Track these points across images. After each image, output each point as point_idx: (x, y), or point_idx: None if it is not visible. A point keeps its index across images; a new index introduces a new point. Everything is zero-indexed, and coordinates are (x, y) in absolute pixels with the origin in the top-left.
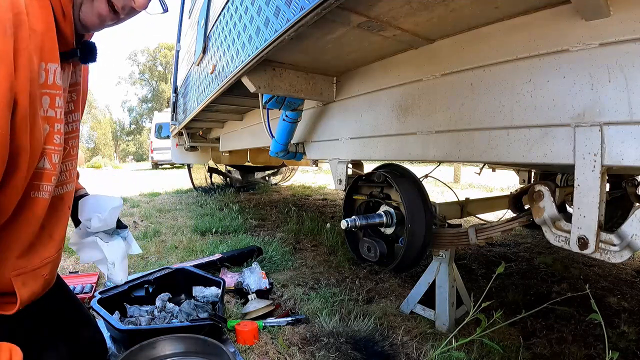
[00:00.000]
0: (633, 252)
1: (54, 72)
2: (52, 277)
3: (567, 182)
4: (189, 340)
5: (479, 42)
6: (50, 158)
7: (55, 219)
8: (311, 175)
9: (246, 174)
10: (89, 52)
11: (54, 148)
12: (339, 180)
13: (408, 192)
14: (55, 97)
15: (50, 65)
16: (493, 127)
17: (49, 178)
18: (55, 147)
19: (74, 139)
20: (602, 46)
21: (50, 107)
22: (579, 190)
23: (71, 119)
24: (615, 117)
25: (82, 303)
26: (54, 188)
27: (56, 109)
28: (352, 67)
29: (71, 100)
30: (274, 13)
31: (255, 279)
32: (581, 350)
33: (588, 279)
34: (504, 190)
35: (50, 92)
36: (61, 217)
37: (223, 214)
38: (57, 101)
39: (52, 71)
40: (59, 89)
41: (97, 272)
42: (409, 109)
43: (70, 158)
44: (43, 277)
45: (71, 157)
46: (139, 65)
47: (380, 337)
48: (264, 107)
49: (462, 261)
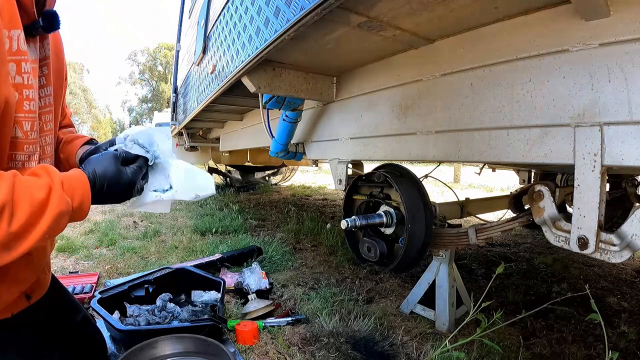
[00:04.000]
0: (633, 252)
1: (17, 38)
2: (39, 258)
3: (567, 182)
4: (189, 340)
5: (479, 42)
6: (21, 126)
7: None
8: (311, 175)
9: (246, 174)
10: (51, 20)
11: (25, 115)
12: (339, 180)
13: (408, 192)
14: (21, 62)
15: (13, 31)
16: (493, 127)
17: (21, 147)
18: (26, 114)
19: (47, 113)
20: (602, 46)
21: (17, 74)
22: (579, 190)
23: (43, 93)
24: (615, 117)
25: (80, 303)
26: (29, 160)
27: (23, 74)
28: (352, 67)
29: (42, 74)
30: (274, 13)
31: (255, 279)
32: (581, 350)
33: (588, 279)
34: (504, 190)
35: (16, 59)
36: None
37: (223, 214)
38: (23, 66)
39: (15, 37)
40: (24, 54)
41: (97, 272)
42: (409, 109)
43: (45, 133)
44: (28, 255)
45: (46, 133)
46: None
47: (380, 337)
48: (264, 107)
49: (462, 261)
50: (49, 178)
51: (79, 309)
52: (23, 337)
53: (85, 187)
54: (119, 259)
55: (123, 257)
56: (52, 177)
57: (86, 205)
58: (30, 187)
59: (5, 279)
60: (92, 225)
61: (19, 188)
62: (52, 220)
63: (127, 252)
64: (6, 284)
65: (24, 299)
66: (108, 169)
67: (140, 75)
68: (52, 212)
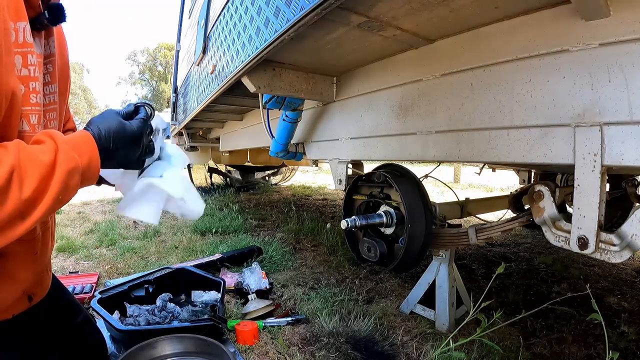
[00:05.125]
0: (633, 252)
1: (23, 30)
2: (41, 257)
3: (567, 182)
4: (189, 340)
5: (479, 42)
6: (28, 119)
7: None
8: (311, 175)
9: (246, 174)
10: (57, 12)
11: (31, 108)
12: (339, 180)
13: (408, 192)
14: (27, 54)
15: (19, 24)
16: (493, 127)
17: (28, 141)
18: (32, 107)
19: (51, 111)
20: (602, 46)
21: (23, 66)
22: (579, 190)
23: (48, 90)
24: (615, 117)
25: (81, 303)
26: None
27: (29, 67)
28: (352, 67)
29: (47, 72)
30: (274, 13)
31: (255, 279)
32: (581, 350)
33: (588, 279)
34: (504, 190)
35: (22, 51)
36: None
37: (223, 214)
38: (29, 59)
39: (21, 29)
40: (30, 46)
41: (97, 272)
42: (409, 109)
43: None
44: (33, 254)
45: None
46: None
47: (380, 337)
48: (264, 107)
49: (462, 261)
50: (53, 141)
51: (80, 309)
52: (23, 338)
53: (91, 144)
54: (119, 259)
55: (123, 257)
56: (55, 139)
57: (95, 163)
58: (35, 151)
59: (7, 279)
60: (92, 225)
61: (24, 154)
62: (62, 180)
63: (127, 252)
64: (8, 285)
65: (26, 300)
66: (111, 123)
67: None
68: (61, 172)
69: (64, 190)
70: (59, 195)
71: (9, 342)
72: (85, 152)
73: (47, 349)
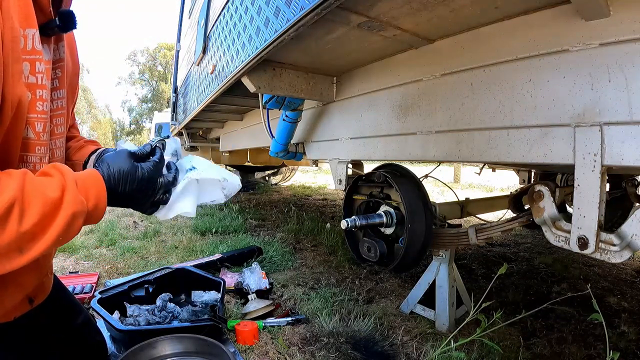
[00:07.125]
0: (633, 252)
1: (32, 37)
2: (44, 261)
3: (567, 182)
4: (189, 340)
5: (479, 42)
6: (33, 127)
7: None
8: (311, 175)
9: (246, 174)
10: (67, 19)
11: (37, 116)
12: (339, 180)
13: (408, 192)
14: (36, 62)
15: (29, 30)
16: (493, 127)
17: (33, 148)
18: (38, 115)
19: (59, 117)
20: (602, 46)
21: (31, 74)
22: (579, 190)
23: (56, 96)
24: (615, 117)
25: (81, 303)
26: (40, 162)
27: (37, 74)
28: (352, 67)
29: (55, 76)
30: (274, 13)
31: (255, 279)
32: (581, 350)
33: (588, 279)
34: (504, 190)
35: (30, 58)
36: None
37: (223, 214)
38: (37, 66)
39: (30, 36)
40: (39, 53)
41: (97, 272)
42: (409, 109)
43: (55, 137)
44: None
45: (56, 136)
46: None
47: (380, 337)
48: (264, 107)
49: (462, 261)
50: (62, 177)
51: (80, 310)
52: (24, 339)
53: (100, 186)
54: (119, 259)
55: (123, 257)
56: (64, 175)
57: (102, 206)
58: (42, 185)
59: (8, 283)
60: (92, 225)
61: (30, 186)
62: (66, 221)
63: (127, 252)
64: (10, 289)
65: (27, 303)
66: (123, 165)
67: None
68: (66, 213)
69: (66, 232)
70: (60, 236)
71: (9, 343)
72: (93, 194)
73: (48, 349)
